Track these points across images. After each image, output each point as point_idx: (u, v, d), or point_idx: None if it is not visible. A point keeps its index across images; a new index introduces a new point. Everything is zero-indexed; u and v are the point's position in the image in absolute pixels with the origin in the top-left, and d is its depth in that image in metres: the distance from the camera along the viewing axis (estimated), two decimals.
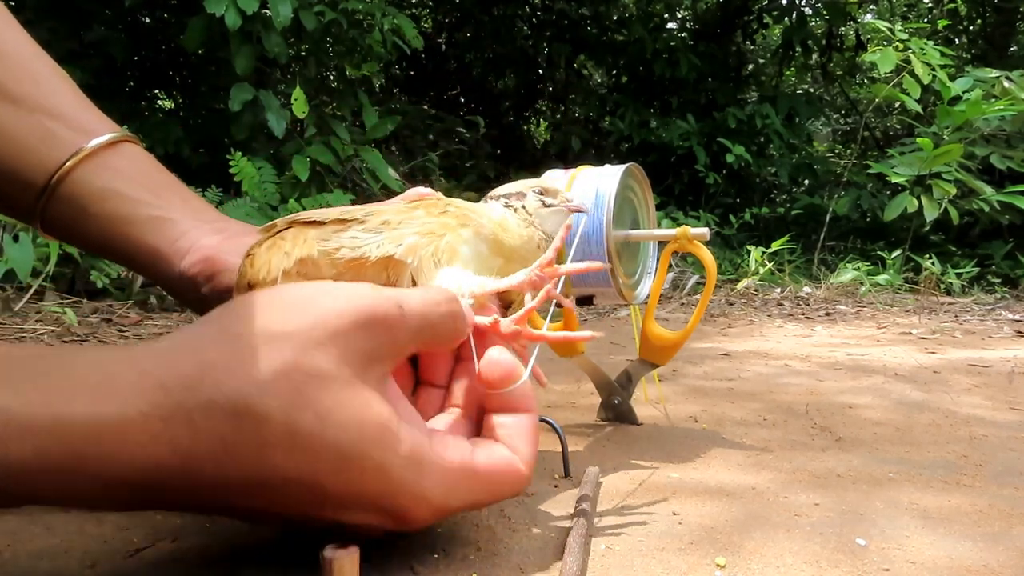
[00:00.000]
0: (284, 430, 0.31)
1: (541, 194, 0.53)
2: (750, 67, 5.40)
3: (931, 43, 3.28)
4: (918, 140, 3.02)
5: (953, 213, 3.01)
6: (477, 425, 0.43)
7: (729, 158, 3.89)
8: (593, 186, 0.65)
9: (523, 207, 0.52)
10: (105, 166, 0.52)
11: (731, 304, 2.33)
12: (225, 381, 0.31)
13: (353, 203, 0.48)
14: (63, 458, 0.30)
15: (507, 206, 0.52)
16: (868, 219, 3.91)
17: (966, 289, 2.81)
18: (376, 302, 0.35)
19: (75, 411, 0.30)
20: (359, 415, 0.33)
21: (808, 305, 2.33)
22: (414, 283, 0.43)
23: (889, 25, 3.45)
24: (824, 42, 5.10)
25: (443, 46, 5.00)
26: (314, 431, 0.32)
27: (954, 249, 3.32)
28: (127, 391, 0.31)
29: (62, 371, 0.31)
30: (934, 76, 3.10)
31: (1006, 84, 3.15)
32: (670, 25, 5.30)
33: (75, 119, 0.52)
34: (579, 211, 0.53)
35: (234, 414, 0.31)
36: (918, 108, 3.23)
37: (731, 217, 3.77)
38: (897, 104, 4.07)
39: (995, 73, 3.25)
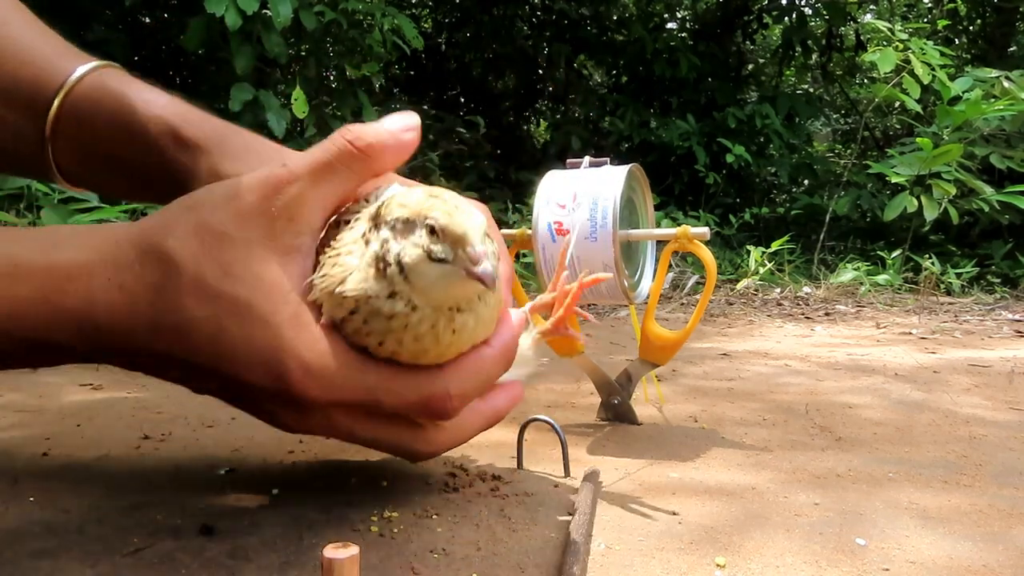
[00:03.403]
0: (193, 277, 0.38)
1: (434, 233, 0.37)
2: (750, 67, 5.40)
3: (931, 43, 3.29)
4: (918, 140, 3.02)
5: (953, 213, 3.01)
6: None
7: (729, 158, 3.89)
8: (597, 188, 0.65)
9: (391, 259, 0.38)
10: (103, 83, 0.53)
11: (731, 304, 2.33)
12: (158, 238, 0.39)
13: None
14: (52, 294, 0.39)
15: (365, 239, 0.39)
16: (868, 219, 3.91)
17: (966, 289, 2.81)
18: (266, 170, 0.41)
19: (63, 256, 0.40)
20: (255, 272, 0.39)
21: (808, 305, 2.33)
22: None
23: (889, 25, 3.45)
24: (824, 42, 5.10)
25: (443, 46, 5.00)
26: (215, 281, 0.38)
27: (954, 249, 3.32)
28: (97, 244, 0.41)
29: (53, 232, 0.44)
30: (934, 76, 3.10)
31: (1006, 84, 3.15)
32: (670, 25, 5.30)
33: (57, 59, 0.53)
34: (481, 281, 0.37)
35: (160, 262, 0.39)
36: (918, 108, 3.23)
37: (731, 217, 3.77)
38: (897, 104, 4.07)
39: (995, 73, 3.26)
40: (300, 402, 0.40)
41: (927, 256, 2.89)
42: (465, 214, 0.38)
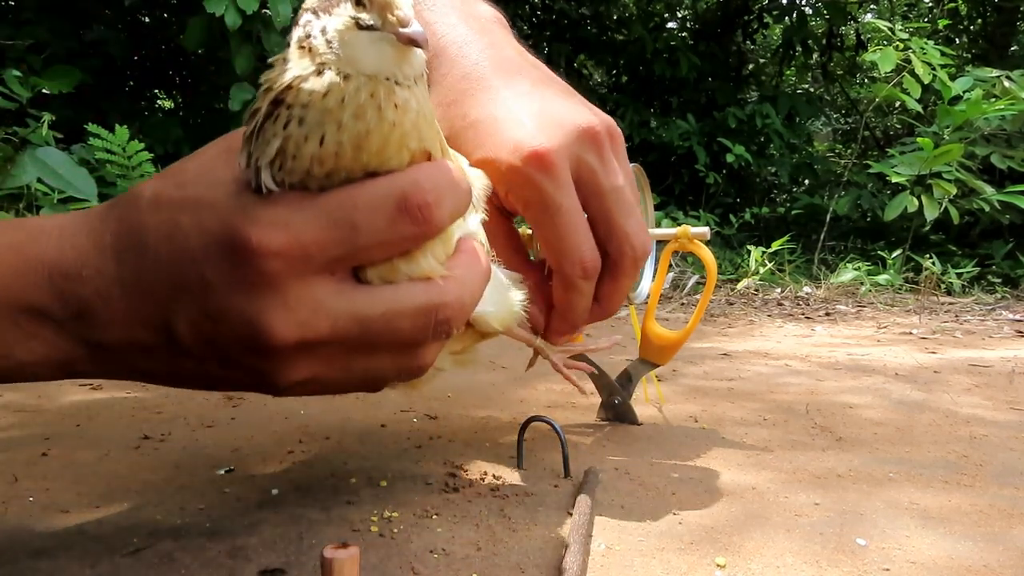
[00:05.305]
0: (151, 197, 0.40)
1: (359, 4, 0.37)
2: (750, 67, 5.41)
3: (931, 43, 3.29)
4: (918, 140, 3.02)
5: (953, 213, 3.01)
6: None
7: (729, 158, 3.89)
8: None
9: (315, 33, 0.37)
10: None
11: (731, 304, 2.33)
12: (139, 189, 0.41)
13: None
14: (23, 244, 0.40)
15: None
16: (868, 219, 3.91)
17: (966, 289, 2.81)
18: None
19: (37, 219, 0.42)
20: (209, 178, 0.40)
21: (808, 305, 2.33)
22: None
23: (889, 24, 3.45)
24: (824, 42, 5.11)
25: None
26: (170, 192, 0.40)
27: (954, 249, 3.32)
28: (73, 212, 0.43)
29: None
30: (934, 76, 3.10)
31: (1006, 84, 3.15)
32: (670, 25, 5.31)
33: None
34: (413, 42, 0.36)
35: (125, 201, 0.41)
36: (918, 108, 3.23)
37: (731, 217, 3.77)
38: (897, 104, 4.07)
39: (995, 73, 3.26)
40: (264, 271, 0.37)
41: (927, 256, 2.89)
42: None
